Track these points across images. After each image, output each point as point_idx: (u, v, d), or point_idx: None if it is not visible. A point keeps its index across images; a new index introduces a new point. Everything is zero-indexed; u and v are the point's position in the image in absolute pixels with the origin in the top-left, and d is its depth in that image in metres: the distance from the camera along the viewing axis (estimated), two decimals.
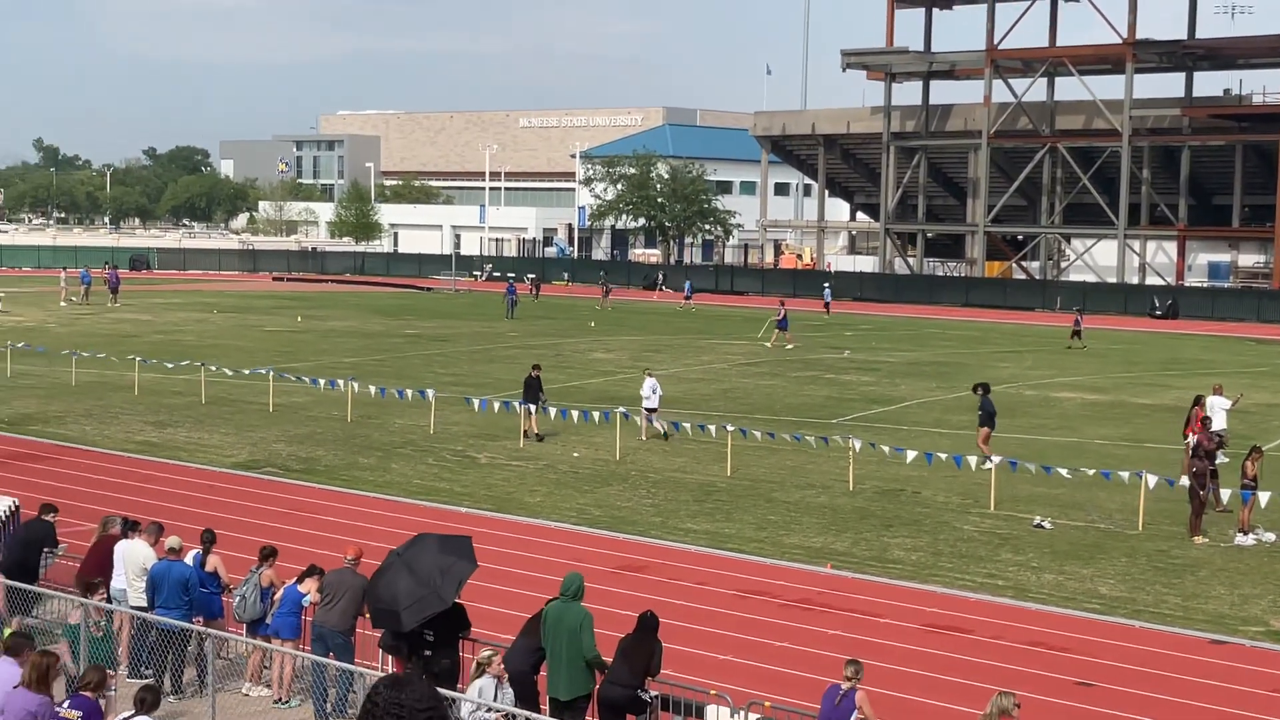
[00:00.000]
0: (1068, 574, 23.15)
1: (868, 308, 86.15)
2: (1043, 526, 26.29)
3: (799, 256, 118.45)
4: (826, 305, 79.76)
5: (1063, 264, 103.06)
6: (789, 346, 57.81)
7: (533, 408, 34.06)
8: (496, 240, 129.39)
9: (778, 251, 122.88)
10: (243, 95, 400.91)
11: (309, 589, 16.67)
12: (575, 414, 34.13)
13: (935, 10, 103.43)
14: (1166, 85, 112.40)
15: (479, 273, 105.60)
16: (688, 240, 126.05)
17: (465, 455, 32.52)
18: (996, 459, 29.47)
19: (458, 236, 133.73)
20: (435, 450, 32.96)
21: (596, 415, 33.81)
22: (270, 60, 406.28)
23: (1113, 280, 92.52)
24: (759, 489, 29.37)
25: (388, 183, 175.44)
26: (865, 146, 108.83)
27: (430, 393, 36.01)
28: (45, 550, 18.93)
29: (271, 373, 39.90)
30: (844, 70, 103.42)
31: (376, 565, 16.18)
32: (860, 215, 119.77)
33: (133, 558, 17.56)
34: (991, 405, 32.70)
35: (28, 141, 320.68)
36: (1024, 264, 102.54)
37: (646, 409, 34.77)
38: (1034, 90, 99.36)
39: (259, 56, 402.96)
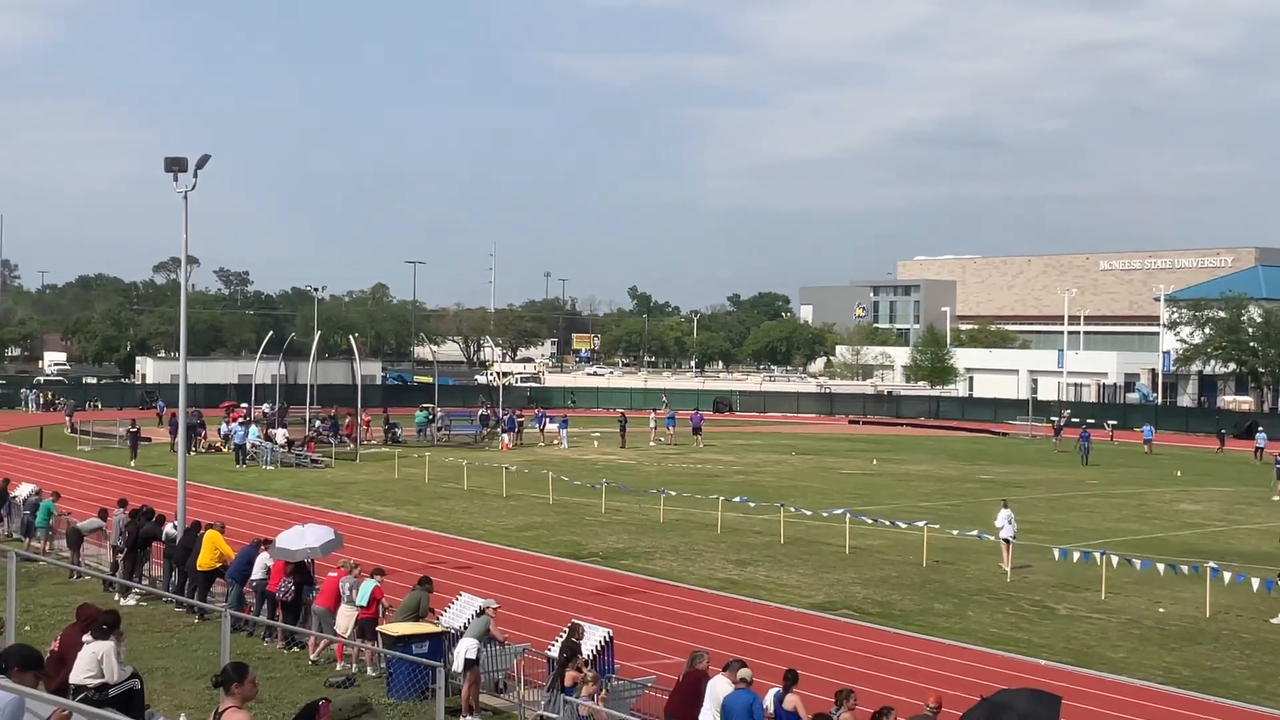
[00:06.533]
0: None
1: None
2: None
3: None
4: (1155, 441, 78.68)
5: None
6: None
7: None
8: (1075, 385, 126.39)
9: None
10: (823, 243, 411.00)
11: None
12: (1162, 567, 32.65)
13: None
14: None
15: (1057, 418, 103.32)
16: None
17: (1043, 605, 31.69)
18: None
19: (1034, 381, 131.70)
20: (1012, 599, 32.31)
21: (1186, 569, 32.25)
22: (850, 209, 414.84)
23: None
24: None
25: (963, 327, 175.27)
26: None
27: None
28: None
29: (848, 515, 40.40)
30: None
31: (957, 715, 15.98)
32: None
33: (715, 692, 18.25)
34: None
35: (623, 290, 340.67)
36: None
37: (1004, 539, 36.04)
38: None
39: (839, 205, 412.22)
